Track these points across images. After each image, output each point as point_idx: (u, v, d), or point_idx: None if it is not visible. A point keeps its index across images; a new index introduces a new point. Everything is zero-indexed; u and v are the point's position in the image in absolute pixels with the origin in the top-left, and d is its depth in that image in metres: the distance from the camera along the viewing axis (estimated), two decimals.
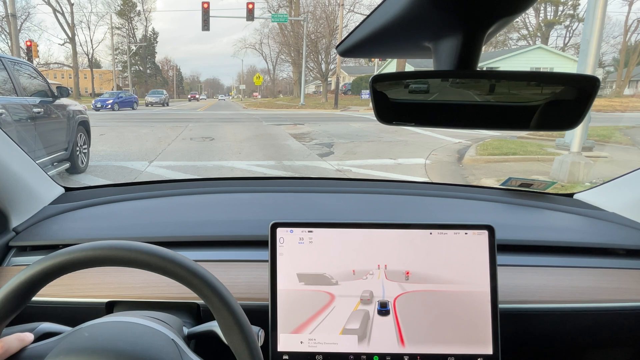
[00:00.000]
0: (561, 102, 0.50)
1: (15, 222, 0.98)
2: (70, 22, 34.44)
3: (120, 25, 45.14)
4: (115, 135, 9.92)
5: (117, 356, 0.52)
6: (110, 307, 0.80)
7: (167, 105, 29.24)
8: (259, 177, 1.39)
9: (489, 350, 0.73)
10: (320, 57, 29.96)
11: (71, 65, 36.42)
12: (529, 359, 0.87)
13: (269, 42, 41.72)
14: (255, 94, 54.19)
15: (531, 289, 0.84)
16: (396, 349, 0.73)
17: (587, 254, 0.95)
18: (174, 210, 1.12)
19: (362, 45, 0.58)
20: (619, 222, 1.06)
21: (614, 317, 0.83)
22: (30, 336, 0.56)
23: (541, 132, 8.45)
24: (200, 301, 0.76)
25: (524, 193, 1.23)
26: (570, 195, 1.24)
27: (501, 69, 0.59)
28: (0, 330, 0.52)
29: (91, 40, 51.09)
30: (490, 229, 0.75)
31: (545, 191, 1.22)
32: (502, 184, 1.27)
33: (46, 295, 0.79)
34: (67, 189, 1.20)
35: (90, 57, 41.49)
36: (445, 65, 0.49)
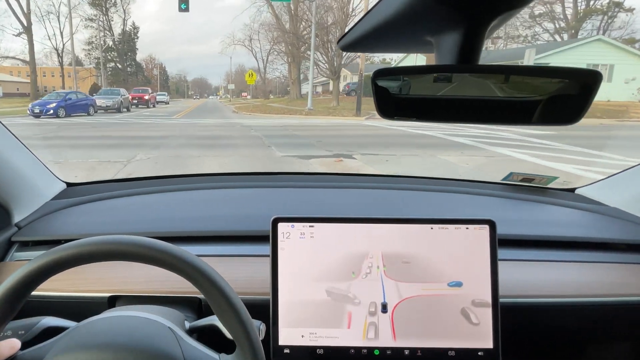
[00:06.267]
0: (563, 96, 0.50)
1: (17, 217, 0.98)
2: (25, 9, 27.40)
3: (93, 17, 37.80)
4: None
5: (115, 349, 0.53)
6: (113, 302, 0.81)
7: (128, 110, 19.87)
8: (261, 173, 1.39)
9: (489, 344, 0.73)
10: (331, 49, 22.18)
11: (59, 63, 32.58)
12: (529, 353, 0.87)
13: (259, 37, 36.78)
14: (244, 93, 49.23)
15: (532, 284, 0.84)
16: (397, 343, 0.74)
17: (588, 248, 0.95)
18: (176, 206, 1.13)
19: (363, 40, 0.58)
20: (620, 217, 1.06)
21: (614, 312, 0.83)
22: (18, 343, 0.56)
23: None
24: (202, 296, 0.77)
25: (525, 188, 1.23)
26: (572, 190, 1.24)
27: (552, 64, 0.57)
28: (4, 325, 0.53)
29: (61, 34, 40.15)
30: (491, 224, 0.75)
31: (547, 186, 1.22)
32: (503, 179, 1.26)
33: (48, 289, 0.79)
34: (68, 184, 1.20)
35: (60, 52, 34.51)
36: (447, 60, 0.49)
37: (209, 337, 0.63)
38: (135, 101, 23.36)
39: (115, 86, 30.12)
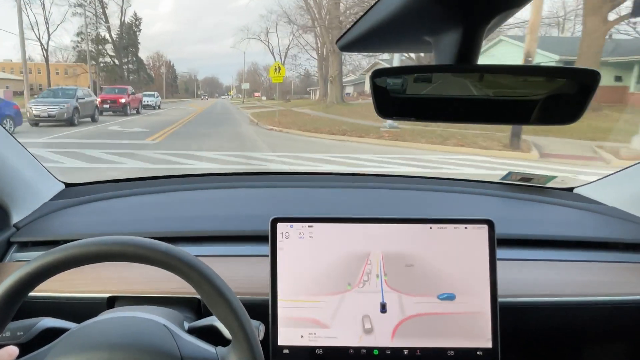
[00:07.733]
0: (561, 96, 0.50)
1: (15, 218, 0.98)
2: None
3: (83, 2, 31.15)
4: None
5: (110, 349, 0.54)
6: (112, 302, 0.81)
7: (92, 120, 12.78)
8: (260, 172, 1.40)
9: (488, 343, 0.73)
10: None
11: (44, 57, 26.64)
12: (528, 352, 0.87)
13: (277, 30, 31.62)
14: (256, 93, 44.14)
15: (530, 283, 0.84)
16: (396, 342, 0.74)
17: (586, 248, 0.95)
18: (175, 206, 1.12)
19: (362, 40, 0.58)
20: (619, 216, 1.06)
21: (613, 311, 0.83)
22: (15, 350, 0.57)
23: None
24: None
25: (524, 187, 1.23)
26: (570, 189, 1.24)
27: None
28: (5, 324, 0.53)
29: (46, 22, 31.81)
30: (490, 224, 0.75)
31: (545, 185, 1.22)
32: (502, 178, 1.27)
33: (47, 290, 0.79)
34: (67, 185, 1.20)
35: (45, 44, 29.62)
36: (445, 59, 0.49)
37: (208, 337, 0.63)
38: (107, 106, 15.21)
39: (117, 84, 22.76)
